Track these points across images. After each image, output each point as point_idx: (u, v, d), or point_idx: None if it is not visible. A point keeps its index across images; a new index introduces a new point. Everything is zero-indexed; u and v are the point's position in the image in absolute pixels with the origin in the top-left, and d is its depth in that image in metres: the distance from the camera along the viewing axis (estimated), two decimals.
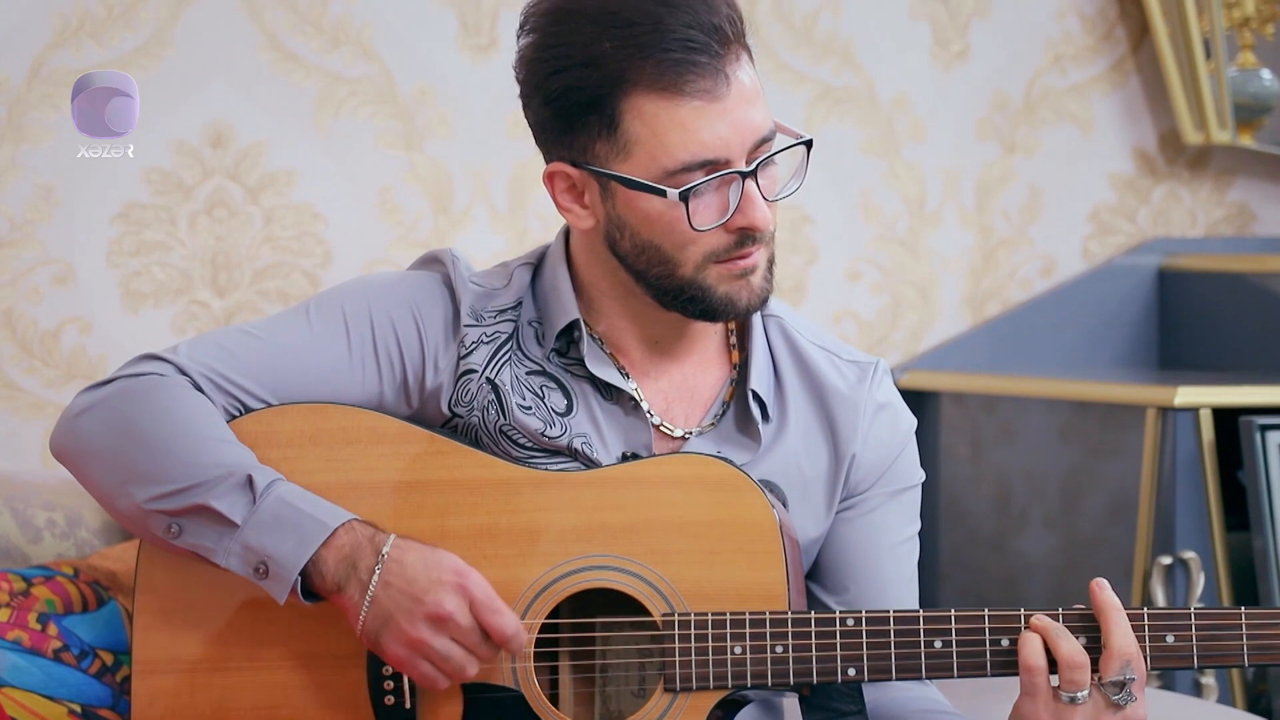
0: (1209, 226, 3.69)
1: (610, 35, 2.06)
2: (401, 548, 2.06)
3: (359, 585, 2.05)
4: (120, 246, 3.16)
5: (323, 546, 2.05)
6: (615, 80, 2.06)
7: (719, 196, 2.09)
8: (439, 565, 2.05)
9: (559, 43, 2.08)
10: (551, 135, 2.13)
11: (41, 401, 3.13)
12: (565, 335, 2.19)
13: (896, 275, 3.55)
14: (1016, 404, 3.37)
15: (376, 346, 2.19)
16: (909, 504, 2.27)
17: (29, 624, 2.37)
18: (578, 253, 2.20)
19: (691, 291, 2.12)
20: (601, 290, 2.19)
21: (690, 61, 2.05)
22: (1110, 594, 2.05)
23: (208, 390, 2.15)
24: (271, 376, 2.17)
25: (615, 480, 2.12)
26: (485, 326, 2.19)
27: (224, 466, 2.08)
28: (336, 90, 3.25)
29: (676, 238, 2.09)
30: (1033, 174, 3.61)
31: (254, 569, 2.06)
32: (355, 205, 3.27)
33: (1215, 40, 3.55)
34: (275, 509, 2.07)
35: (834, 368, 2.24)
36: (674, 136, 2.06)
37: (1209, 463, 3.07)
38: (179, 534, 2.09)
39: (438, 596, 2.04)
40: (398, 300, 2.20)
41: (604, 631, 2.13)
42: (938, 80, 3.55)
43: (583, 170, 2.11)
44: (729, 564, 2.08)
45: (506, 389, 2.17)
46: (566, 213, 2.15)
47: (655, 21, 2.05)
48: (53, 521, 2.63)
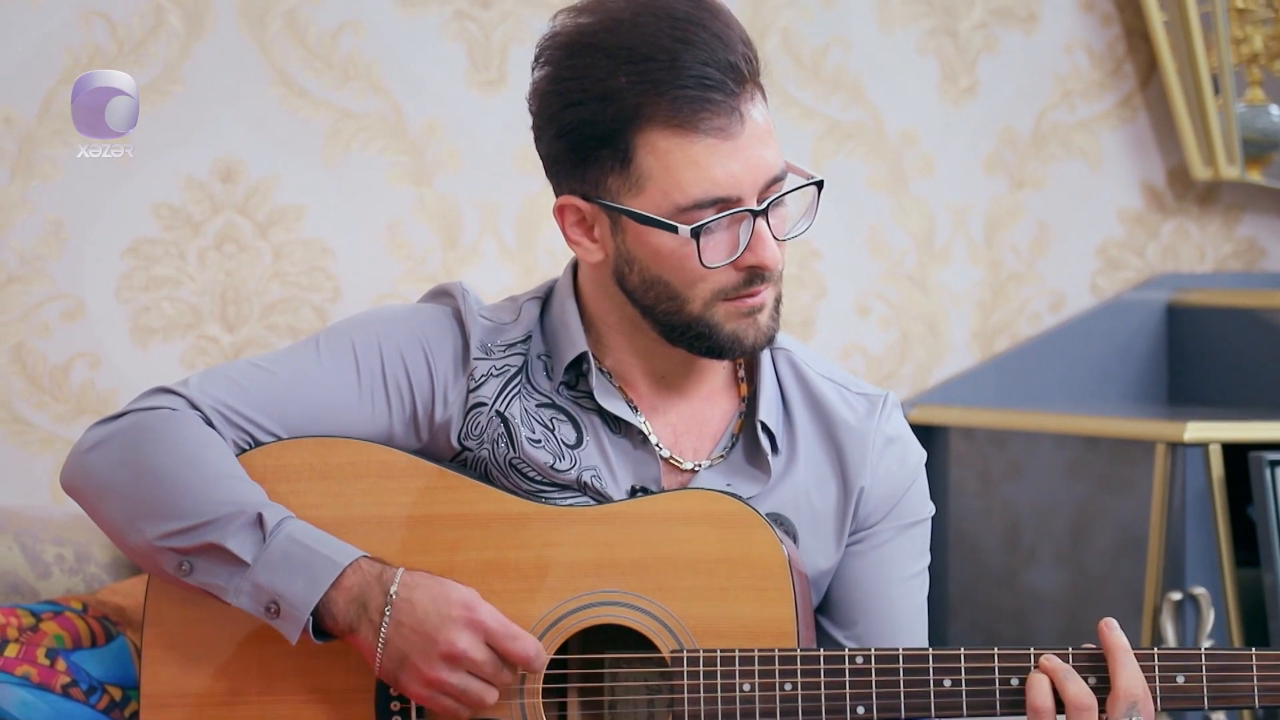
0: (1218, 262, 3.69)
1: (626, 70, 2.06)
2: (410, 585, 2.06)
3: (371, 626, 2.05)
4: (130, 281, 3.17)
5: (331, 588, 2.05)
6: (630, 115, 2.06)
7: (729, 234, 2.09)
8: (448, 600, 2.05)
9: (574, 76, 2.08)
10: (563, 168, 2.13)
11: (51, 436, 3.13)
12: (574, 368, 2.19)
13: (905, 310, 3.55)
14: (1026, 439, 3.36)
15: (386, 379, 2.19)
16: (919, 538, 2.27)
17: (37, 659, 2.37)
18: (585, 287, 2.20)
19: (698, 328, 2.12)
20: (609, 324, 2.19)
21: (705, 99, 2.05)
22: (1118, 634, 2.05)
23: (218, 424, 2.15)
24: (281, 410, 2.17)
25: (624, 516, 2.11)
26: (495, 360, 2.19)
27: (234, 504, 2.08)
28: (346, 125, 3.25)
29: (685, 274, 2.09)
30: (1041, 209, 3.61)
31: (265, 608, 2.06)
32: (364, 240, 3.27)
33: (1224, 76, 3.55)
34: (285, 547, 2.06)
35: (843, 400, 2.24)
36: (687, 173, 2.06)
37: (1219, 498, 3.06)
38: (190, 572, 2.09)
39: (450, 635, 2.04)
40: (407, 333, 2.20)
41: (613, 668, 2.12)
42: (946, 115, 3.55)
43: (593, 204, 2.11)
44: (738, 600, 2.08)
45: (516, 422, 2.17)
46: (575, 246, 2.15)
47: (671, 58, 2.05)
48: (61, 557, 2.63)
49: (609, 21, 2.08)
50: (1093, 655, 2.05)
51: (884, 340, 3.55)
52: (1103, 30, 3.61)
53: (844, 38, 3.49)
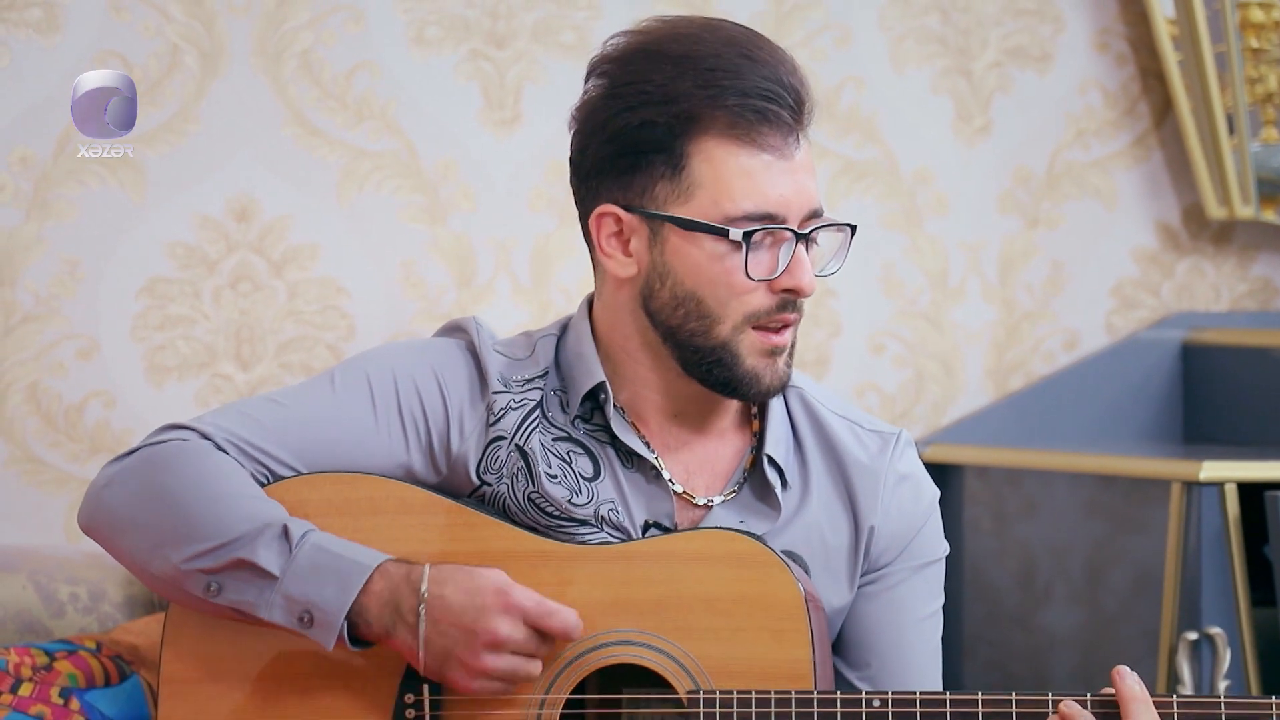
0: (1233, 301, 3.69)
1: (691, 77, 2.08)
2: (439, 580, 2.06)
3: (408, 628, 2.05)
4: (145, 320, 3.17)
5: (361, 593, 2.05)
6: (689, 120, 2.08)
7: (770, 255, 2.10)
8: (480, 590, 2.05)
9: (634, 80, 2.10)
10: (608, 176, 2.13)
11: (65, 475, 3.13)
12: (590, 400, 2.19)
13: (919, 348, 3.55)
14: (1040, 478, 3.36)
15: (401, 411, 2.19)
16: (933, 578, 2.26)
17: (51, 699, 2.37)
18: (602, 318, 2.20)
19: (721, 355, 2.12)
20: (627, 353, 2.18)
21: (768, 114, 2.07)
22: (1131, 683, 2.04)
23: (234, 456, 2.16)
24: (298, 444, 2.17)
25: (642, 555, 2.11)
26: (514, 393, 2.19)
27: (258, 520, 2.09)
28: (360, 164, 3.26)
29: (721, 290, 2.10)
30: (1056, 248, 3.61)
31: (298, 619, 2.07)
32: (378, 279, 3.27)
33: (1238, 116, 3.55)
34: (312, 556, 2.07)
35: (855, 437, 2.23)
36: (740, 184, 2.08)
37: (1235, 538, 3.05)
38: (219, 592, 2.09)
39: (489, 624, 2.04)
40: (422, 365, 2.21)
41: (630, 708, 2.12)
42: (960, 154, 3.56)
43: (635, 214, 2.12)
44: (755, 641, 2.07)
45: (535, 456, 2.17)
46: (608, 259, 2.15)
47: (737, 70, 2.08)
48: (76, 595, 2.63)
49: (674, 33, 2.11)
50: (1110, 701, 2.04)
51: (898, 378, 3.54)
52: (1117, 70, 3.62)
53: (858, 77, 3.49)
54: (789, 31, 3.43)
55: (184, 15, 3.16)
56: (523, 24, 3.32)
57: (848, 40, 3.49)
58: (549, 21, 3.33)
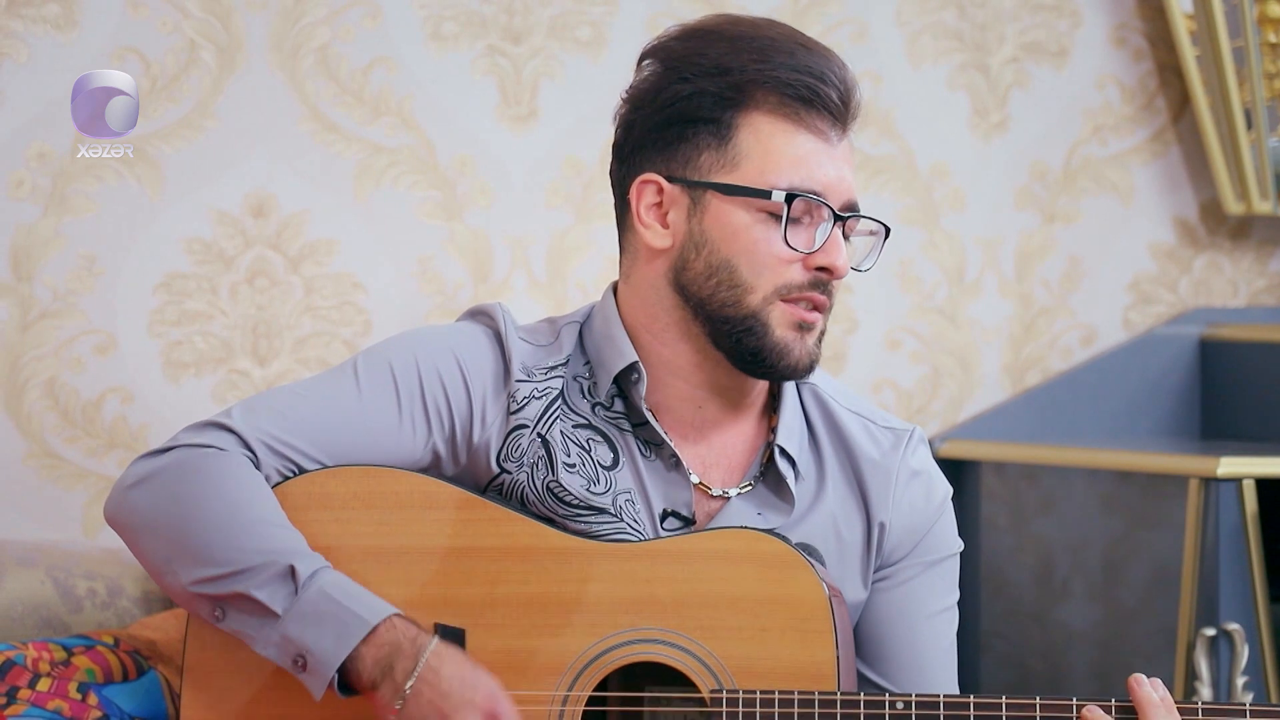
0: (1251, 296, 3.68)
1: (747, 53, 2.12)
2: (441, 656, 2.04)
3: (393, 687, 2.04)
4: (162, 316, 3.17)
5: (362, 643, 2.05)
6: (741, 91, 2.11)
7: (807, 232, 2.12)
8: (474, 686, 2.04)
9: (690, 54, 2.14)
10: (653, 149, 2.15)
11: (83, 471, 3.13)
12: (614, 384, 2.19)
13: (936, 344, 3.54)
14: (1058, 474, 3.35)
15: (425, 401, 2.19)
16: (946, 574, 2.26)
17: (69, 694, 2.37)
18: (629, 300, 2.21)
19: (751, 324, 2.12)
20: (653, 334, 2.19)
21: (819, 96, 2.12)
22: (1146, 690, 2.05)
23: (263, 455, 2.16)
24: (324, 436, 2.18)
25: (665, 553, 2.11)
26: (537, 382, 2.20)
27: (268, 554, 2.08)
28: (377, 160, 3.26)
29: (757, 258, 2.11)
30: (1073, 243, 3.60)
31: (292, 660, 2.06)
32: (395, 274, 3.27)
33: (1256, 111, 3.55)
34: (316, 601, 2.06)
35: (867, 433, 2.24)
36: (786, 159, 2.11)
37: (1252, 534, 3.05)
38: (222, 618, 2.10)
39: (466, 718, 2.02)
40: (444, 353, 2.21)
41: (652, 706, 2.12)
42: (977, 150, 3.55)
43: (677, 184, 2.13)
44: (779, 641, 2.07)
45: (556, 445, 2.17)
46: (645, 229, 2.16)
47: (792, 54, 2.12)
48: (93, 591, 2.64)
49: (730, 18, 2.17)
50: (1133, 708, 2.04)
51: (915, 374, 3.54)
52: (1134, 65, 3.61)
53: (875, 72, 3.49)
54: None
55: (201, 11, 3.16)
56: (539, 19, 3.31)
57: (864, 35, 3.49)
58: (565, 17, 3.32)
